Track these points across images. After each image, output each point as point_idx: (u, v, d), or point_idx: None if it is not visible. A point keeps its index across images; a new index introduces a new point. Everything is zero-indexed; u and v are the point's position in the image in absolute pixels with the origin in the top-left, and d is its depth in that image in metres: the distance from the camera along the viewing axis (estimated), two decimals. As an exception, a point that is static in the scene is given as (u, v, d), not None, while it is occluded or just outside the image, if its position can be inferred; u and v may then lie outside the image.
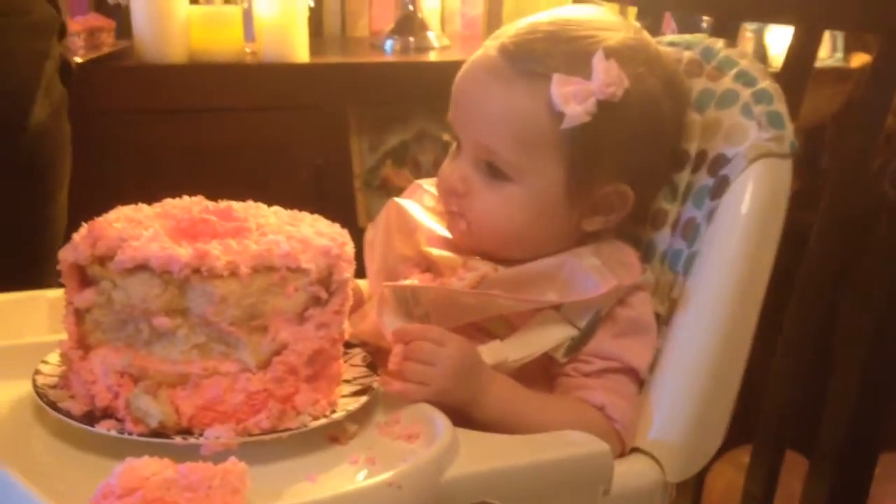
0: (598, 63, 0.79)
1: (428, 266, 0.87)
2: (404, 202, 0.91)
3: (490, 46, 0.84)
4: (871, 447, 0.90)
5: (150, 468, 0.59)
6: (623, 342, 0.82)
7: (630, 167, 0.83)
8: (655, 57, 0.86)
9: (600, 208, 0.84)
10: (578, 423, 0.76)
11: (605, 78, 0.79)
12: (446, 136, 1.47)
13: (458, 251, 0.86)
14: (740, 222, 0.82)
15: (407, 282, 0.84)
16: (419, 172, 1.74)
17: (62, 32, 1.27)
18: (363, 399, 0.75)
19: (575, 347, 0.81)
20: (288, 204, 0.81)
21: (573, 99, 0.79)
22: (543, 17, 0.85)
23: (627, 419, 0.80)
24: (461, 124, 0.84)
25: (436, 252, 0.86)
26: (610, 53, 0.80)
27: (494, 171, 0.82)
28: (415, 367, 0.75)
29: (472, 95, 0.83)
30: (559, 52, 0.81)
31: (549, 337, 0.80)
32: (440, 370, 0.75)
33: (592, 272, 0.80)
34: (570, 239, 0.85)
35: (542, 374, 0.83)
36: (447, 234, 0.88)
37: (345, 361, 0.79)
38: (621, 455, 0.80)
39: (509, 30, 0.85)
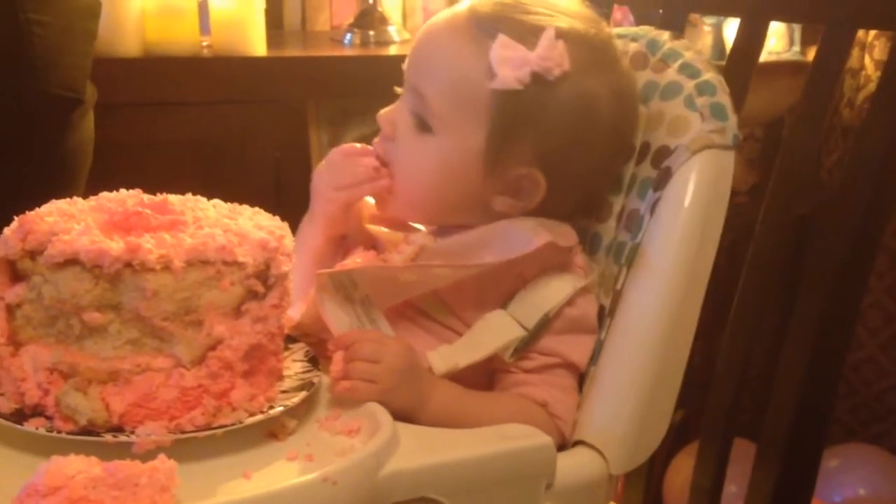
0: (546, 38, 0.80)
1: (372, 244, 0.86)
2: None
3: (463, 5, 0.85)
4: (817, 434, 0.90)
5: (75, 466, 0.58)
6: (564, 338, 0.81)
7: (549, 158, 0.82)
8: (611, 63, 0.84)
9: (512, 190, 0.83)
10: (522, 421, 0.76)
11: (546, 52, 0.79)
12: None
13: (399, 227, 0.86)
14: (682, 213, 0.82)
15: (348, 260, 0.84)
16: (379, 167, 1.73)
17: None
18: (302, 394, 0.74)
19: (523, 348, 0.80)
20: (246, 198, 0.80)
21: (509, 63, 0.79)
22: None
23: (569, 415, 0.80)
24: (409, 70, 0.86)
25: (376, 228, 0.86)
26: (562, 35, 0.80)
27: (421, 124, 0.83)
28: (360, 365, 0.75)
29: (425, 42, 0.85)
30: (515, 19, 0.81)
31: (498, 339, 0.80)
32: (385, 367, 0.75)
33: (526, 230, 0.80)
34: (481, 214, 0.84)
35: (482, 368, 0.82)
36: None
37: (286, 357, 0.78)
38: (562, 449, 0.79)
39: None
